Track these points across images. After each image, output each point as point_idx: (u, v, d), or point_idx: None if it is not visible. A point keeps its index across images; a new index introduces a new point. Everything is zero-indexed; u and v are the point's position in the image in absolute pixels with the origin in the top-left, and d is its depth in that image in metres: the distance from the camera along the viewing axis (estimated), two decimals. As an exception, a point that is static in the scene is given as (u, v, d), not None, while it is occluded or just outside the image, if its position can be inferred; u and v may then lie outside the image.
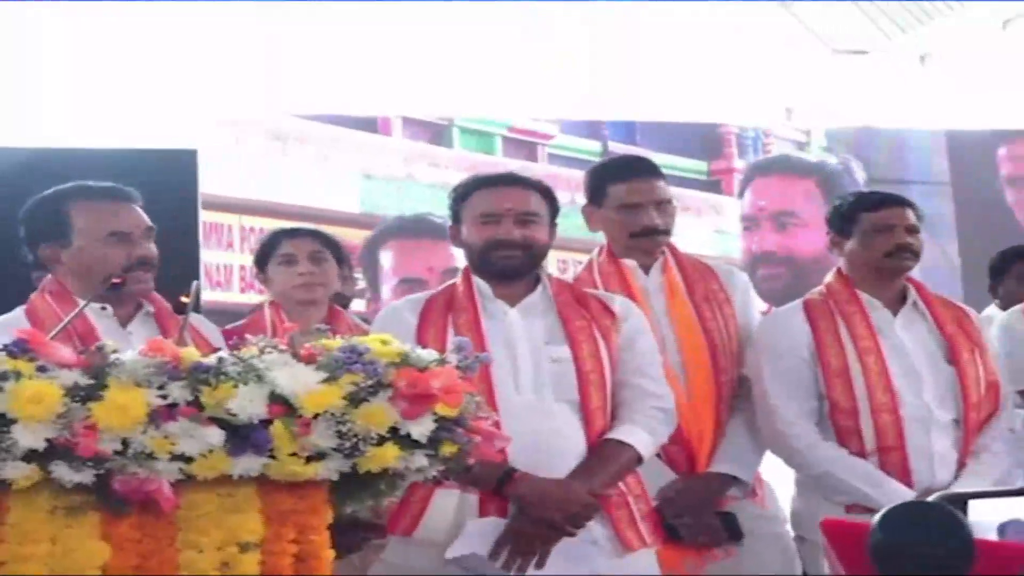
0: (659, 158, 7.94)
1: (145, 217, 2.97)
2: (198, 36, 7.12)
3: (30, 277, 3.02)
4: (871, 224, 3.47)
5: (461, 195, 3.15)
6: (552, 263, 7.06)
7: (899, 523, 1.88)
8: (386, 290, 7.48)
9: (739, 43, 8.10)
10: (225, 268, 7.08)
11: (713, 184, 8.26)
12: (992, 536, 1.97)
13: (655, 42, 8.00)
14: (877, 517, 1.90)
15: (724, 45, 8.08)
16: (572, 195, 7.39)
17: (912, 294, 3.49)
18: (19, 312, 2.92)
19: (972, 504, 2.04)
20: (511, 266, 3.07)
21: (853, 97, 8.29)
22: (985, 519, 1.99)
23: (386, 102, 7.61)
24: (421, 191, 7.56)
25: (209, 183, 6.92)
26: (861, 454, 3.35)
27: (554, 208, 3.14)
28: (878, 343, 3.38)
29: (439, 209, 7.01)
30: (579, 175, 7.25)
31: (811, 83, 8.28)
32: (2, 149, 4.54)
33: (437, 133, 7.75)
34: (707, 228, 8.21)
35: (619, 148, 8.01)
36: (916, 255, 3.48)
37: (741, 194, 8.28)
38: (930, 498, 2.16)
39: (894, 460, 3.33)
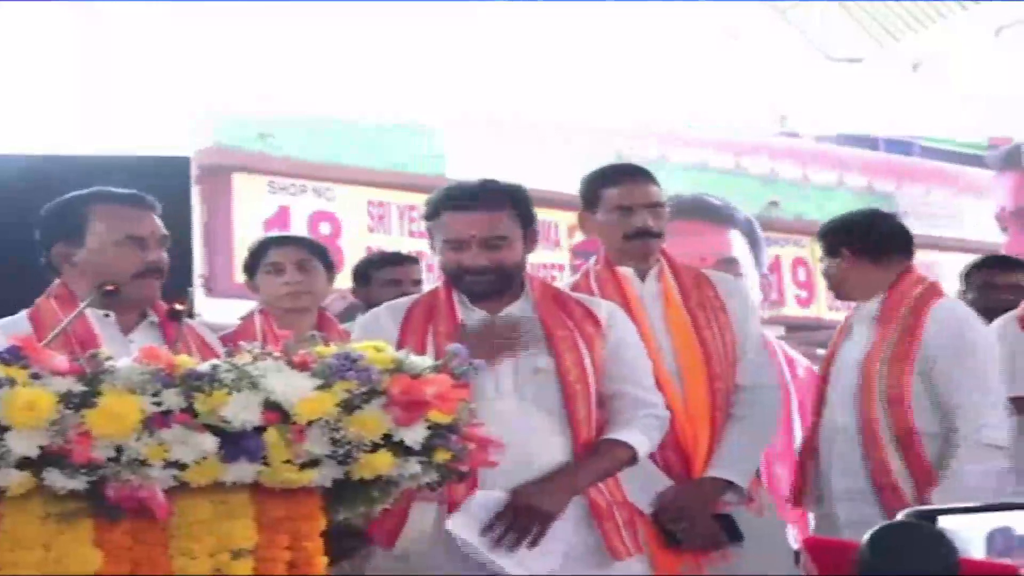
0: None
1: (161, 225, 2.94)
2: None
3: (29, 281, 3.00)
4: None
5: (429, 214, 3.08)
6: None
7: (887, 545, 1.87)
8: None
9: (734, 49, 8.06)
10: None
11: (994, 161, 7.40)
12: (979, 545, 1.96)
13: (646, 45, 7.93)
14: (866, 538, 1.89)
15: (718, 51, 8.04)
16: (839, 175, 7.26)
17: None
18: (22, 315, 2.89)
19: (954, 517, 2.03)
20: (482, 291, 3.04)
21: (847, 104, 8.26)
22: (970, 531, 1.97)
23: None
24: (676, 172, 6.90)
25: (453, 171, 6.48)
26: None
27: (527, 217, 3.06)
28: None
29: (693, 191, 6.72)
30: (846, 152, 7.09)
31: (805, 90, 8.24)
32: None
33: (696, 113, 7.33)
34: (988, 212, 7.32)
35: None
36: None
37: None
38: (901, 515, 2.13)
39: None
